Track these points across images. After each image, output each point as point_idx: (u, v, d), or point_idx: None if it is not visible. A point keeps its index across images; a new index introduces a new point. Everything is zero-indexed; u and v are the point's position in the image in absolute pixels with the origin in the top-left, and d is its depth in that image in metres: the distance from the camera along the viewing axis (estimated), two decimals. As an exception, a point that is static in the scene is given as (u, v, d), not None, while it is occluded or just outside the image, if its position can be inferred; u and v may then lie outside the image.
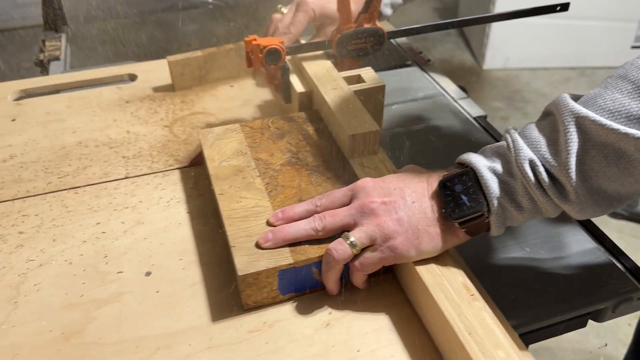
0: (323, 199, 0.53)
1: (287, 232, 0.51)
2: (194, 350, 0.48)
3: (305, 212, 0.53)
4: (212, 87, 0.86)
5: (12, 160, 0.70)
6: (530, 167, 0.45)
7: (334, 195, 0.53)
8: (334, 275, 0.50)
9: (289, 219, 0.53)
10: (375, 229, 0.48)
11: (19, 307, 0.51)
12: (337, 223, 0.50)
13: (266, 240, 0.50)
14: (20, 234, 0.59)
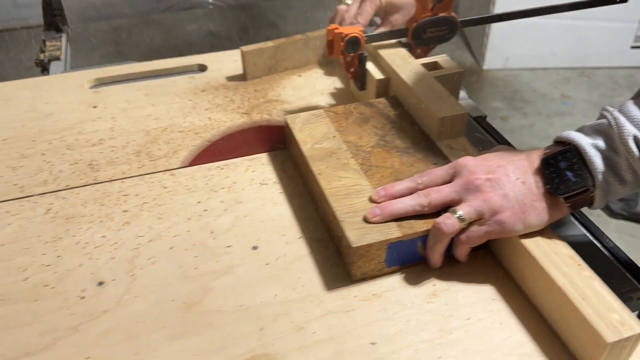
0: (424, 177, 0.56)
1: (394, 207, 0.53)
2: (310, 317, 0.50)
3: (407, 189, 0.55)
4: (281, 77, 0.88)
5: (102, 145, 0.73)
6: (634, 143, 0.48)
7: (435, 173, 0.55)
8: (441, 249, 0.52)
9: (391, 196, 0.55)
10: (483, 204, 0.50)
11: (137, 279, 0.54)
12: (442, 199, 0.53)
13: (374, 215, 0.53)
14: (125, 212, 0.62)
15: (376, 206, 0.54)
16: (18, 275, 0.54)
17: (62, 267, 0.55)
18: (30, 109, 0.80)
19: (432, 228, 0.52)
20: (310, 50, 0.90)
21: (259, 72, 0.88)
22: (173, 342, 0.48)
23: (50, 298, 0.52)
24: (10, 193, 0.65)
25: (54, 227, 0.60)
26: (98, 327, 0.50)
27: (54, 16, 1.11)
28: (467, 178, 0.52)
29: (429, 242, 0.53)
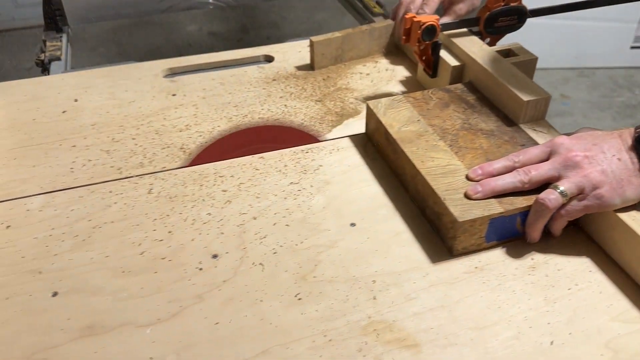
0: (520, 156, 0.58)
1: (496, 184, 0.56)
2: (419, 287, 0.53)
3: (504, 167, 0.58)
4: (347, 67, 0.91)
5: (189, 130, 0.76)
6: None
7: (532, 152, 0.58)
8: (542, 224, 0.55)
9: (489, 174, 0.58)
10: (583, 180, 0.53)
11: (248, 252, 0.57)
12: (542, 176, 0.55)
13: (476, 192, 0.56)
14: (224, 192, 0.65)
15: (478, 183, 0.56)
16: (134, 250, 0.57)
17: (175, 241, 0.58)
18: (111, 96, 0.83)
19: (534, 203, 0.55)
20: (374, 40, 0.93)
21: (326, 62, 0.91)
22: (294, 308, 0.51)
23: (169, 270, 0.55)
24: (109, 174, 0.68)
25: (159, 206, 0.63)
26: (221, 295, 0.52)
27: (54, 16, 1.12)
28: (565, 155, 0.55)
29: (530, 218, 0.55)
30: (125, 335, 0.49)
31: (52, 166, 0.69)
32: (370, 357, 0.47)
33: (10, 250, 0.58)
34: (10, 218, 0.61)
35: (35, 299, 0.53)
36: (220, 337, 0.49)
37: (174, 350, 0.48)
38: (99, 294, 0.53)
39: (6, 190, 0.65)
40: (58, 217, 0.62)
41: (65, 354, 0.48)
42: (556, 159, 0.56)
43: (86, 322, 0.50)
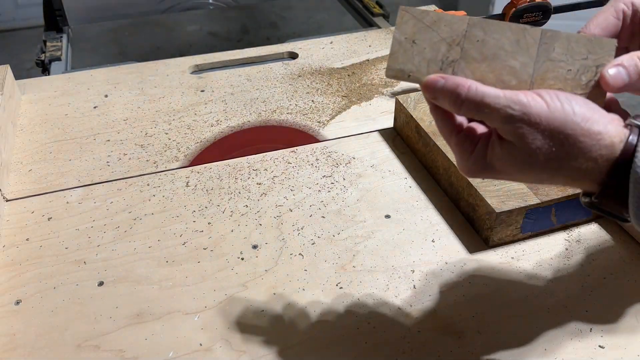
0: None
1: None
2: (457, 276, 0.54)
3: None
4: (372, 63, 0.92)
5: (220, 125, 0.77)
6: None
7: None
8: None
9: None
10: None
11: (287, 242, 0.58)
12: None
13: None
14: (259, 184, 0.66)
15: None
16: (176, 240, 0.59)
17: (215, 232, 0.59)
18: (141, 92, 0.85)
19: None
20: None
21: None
22: (336, 296, 0.52)
23: (212, 259, 0.56)
24: (146, 168, 0.69)
25: (196, 198, 0.64)
26: (264, 283, 0.54)
27: (54, 16, 1.13)
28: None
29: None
30: (173, 322, 0.50)
31: (88, 160, 0.71)
32: (415, 344, 0.48)
33: (54, 241, 0.59)
34: (51, 210, 0.63)
35: (82, 288, 0.54)
36: (267, 324, 0.50)
37: (222, 336, 0.49)
38: (144, 283, 0.54)
39: (45, 183, 0.67)
40: (98, 209, 0.63)
41: (117, 341, 0.49)
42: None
43: (134, 310, 0.51)
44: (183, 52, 0.93)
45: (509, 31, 0.37)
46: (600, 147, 0.35)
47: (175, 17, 1.30)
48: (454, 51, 0.37)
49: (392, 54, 0.38)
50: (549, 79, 0.37)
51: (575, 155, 0.36)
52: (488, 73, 0.37)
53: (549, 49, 0.37)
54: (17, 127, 0.76)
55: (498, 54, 0.37)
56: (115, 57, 1.13)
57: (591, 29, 0.41)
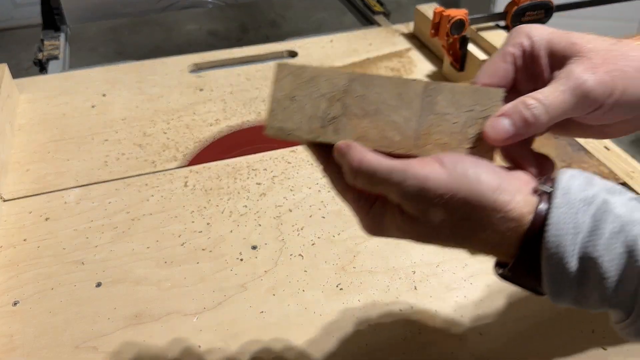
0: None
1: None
2: (459, 277, 0.54)
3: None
4: (373, 62, 0.92)
5: (219, 125, 0.77)
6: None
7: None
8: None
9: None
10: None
11: (286, 243, 0.58)
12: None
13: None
14: (259, 184, 0.66)
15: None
16: (175, 241, 0.58)
17: (214, 233, 0.59)
18: (139, 91, 0.84)
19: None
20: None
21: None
22: (336, 297, 0.52)
23: (211, 260, 0.56)
24: (144, 167, 0.69)
25: (195, 198, 0.64)
26: (264, 285, 0.53)
27: (52, 15, 1.12)
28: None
29: None
30: (172, 323, 0.50)
31: (86, 160, 0.70)
32: (416, 345, 0.48)
33: (52, 241, 0.58)
34: (49, 210, 0.62)
35: (80, 289, 0.53)
36: (267, 325, 0.50)
37: (222, 338, 0.49)
38: (143, 283, 0.54)
39: (43, 183, 0.66)
40: (96, 209, 0.62)
41: (115, 342, 0.48)
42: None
43: (133, 311, 0.51)
44: (182, 50, 0.92)
45: (391, 85, 0.35)
46: (507, 220, 0.32)
47: (174, 16, 1.29)
48: (335, 107, 0.36)
49: (270, 111, 0.36)
50: (434, 133, 0.35)
51: (482, 228, 0.32)
52: (371, 129, 0.35)
53: (433, 101, 0.35)
54: (14, 126, 0.76)
55: (380, 109, 0.35)
56: (114, 56, 1.12)
57: (481, 80, 0.37)
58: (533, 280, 0.32)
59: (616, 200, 0.31)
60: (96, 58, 1.12)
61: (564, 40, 0.36)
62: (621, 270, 0.30)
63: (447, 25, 0.75)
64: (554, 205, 0.31)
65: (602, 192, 0.32)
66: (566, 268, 0.31)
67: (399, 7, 1.26)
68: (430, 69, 0.89)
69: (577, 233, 0.30)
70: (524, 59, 0.37)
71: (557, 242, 0.30)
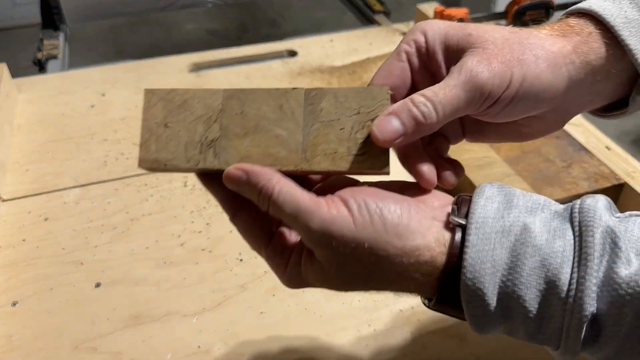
0: None
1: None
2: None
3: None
4: (373, 61, 0.91)
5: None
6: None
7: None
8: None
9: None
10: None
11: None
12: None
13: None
14: (258, 184, 0.65)
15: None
16: (174, 241, 0.58)
17: (213, 233, 0.59)
18: (138, 90, 0.84)
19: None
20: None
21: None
22: (336, 298, 0.52)
23: (210, 260, 0.56)
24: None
25: (194, 198, 0.63)
26: (263, 285, 0.53)
27: (52, 15, 1.12)
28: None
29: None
30: (171, 324, 0.50)
31: (85, 160, 0.70)
32: (417, 346, 0.48)
33: (51, 242, 0.58)
34: (48, 210, 0.62)
35: (79, 289, 0.53)
36: (266, 326, 0.49)
37: (221, 338, 0.48)
38: (142, 284, 0.53)
39: (42, 183, 0.66)
40: (95, 209, 0.62)
41: (114, 343, 0.48)
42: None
43: (132, 311, 0.51)
44: (181, 50, 0.92)
45: (270, 97, 0.33)
46: (420, 265, 0.30)
47: (174, 15, 1.29)
48: (213, 129, 0.33)
49: (142, 143, 0.34)
50: (322, 143, 0.32)
51: (395, 276, 0.30)
52: (253, 147, 0.33)
53: (316, 109, 0.33)
54: (13, 126, 0.76)
55: (261, 125, 0.33)
56: (113, 55, 1.12)
57: (376, 81, 0.34)
58: (459, 313, 0.31)
59: (536, 225, 0.29)
60: (95, 57, 1.11)
61: (459, 33, 0.33)
62: (544, 306, 0.28)
63: (448, 24, 0.75)
64: (468, 243, 0.29)
65: (521, 215, 0.29)
66: (487, 308, 0.29)
67: (399, 6, 1.25)
68: (430, 68, 0.88)
69: (496, 272, 0.28)
70: (420, 56, 0.34)
71: (475, 284, 0.28)
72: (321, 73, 0.88)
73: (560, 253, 0.28)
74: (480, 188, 0.31)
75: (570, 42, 0.33)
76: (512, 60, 0.31)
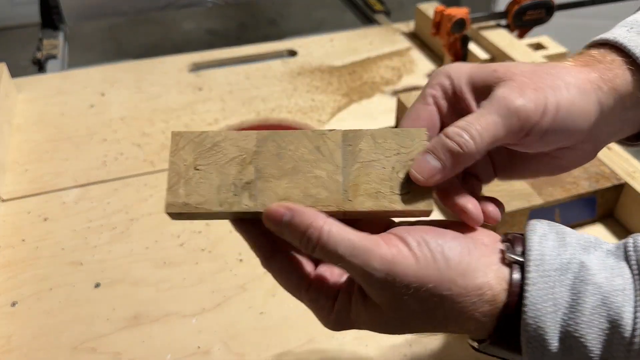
0: None
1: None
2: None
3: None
4: (373, 61, 0.91)
5: (218, 124, 0.76)
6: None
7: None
8: None
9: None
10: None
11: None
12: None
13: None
14: (258, 184, 0.65)
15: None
16: (173, 241, 0.58)
17: (213, 233, 0.59)
18: (138, 90, 0.84)
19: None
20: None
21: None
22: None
23: (210, 261, 0.56)
24: (142, 167, 0.68)
25: (194, 198, 0.63)
26: (263, 286, 0.53)
27: (51, 14, 1.12)
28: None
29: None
30: (171, 324, 0.49)
31: (84, 160, 0.70)
32: (417, 347, 0.48)
33: (50, 242, 0.58)
34: (47, 210, 0.62)
35: (79, 289, 0.53)
36: (266, 326, 0.49)
37: (221, 339, 0.48)
38: (141, 284, 0.53)
39: (41, 183, 0.66)
40: (94, 209, 0.62)
41: (113, 343, 0.48)
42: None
43: (131, 312, 0.51)
44: (181, 49, 0.92)
45: (306, 139, 0.33)
46: (482, 304, 0.29)
47: (173, 15, 1.29)
48: (248, 171, 0.32)
49: (170, 187, 0.32)
50: (363, 183, 0.32)
51: (455, 317, 0.30)
52: (292, 189, 0.32)
53: (355, 150, 0.33)
54: (13, 126, 0.75)
55: (299, 166, 0.32)
56: (112, 55, 1.12)
57: (404, 125, 0.34)
58: (512, 354, 0.30)
59: (593, 262, 0.29)
60: (95, 57, 1.11)
61: (484, 70, 0.33)
62: (606, 347, 0.28)
63: (448, 24, 0.74)
64: (529, 281, 0.28)
65: (577, 252, 0.29)
66: (548, 349, 0.28)
67: (399, 5, 1.25)
68: (430, 68, 0.88)
69: (557, 310, 0.28)
70: (447, 99, 0.34)
71: (537, 323, 0.28)
72: (321, 73, 0.88)
73: (621, 291, 0.28)
74: (532, 225, 0.31)
75: (595, 70, 0.33)
76: (544, 87, 0.31)
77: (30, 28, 2.49)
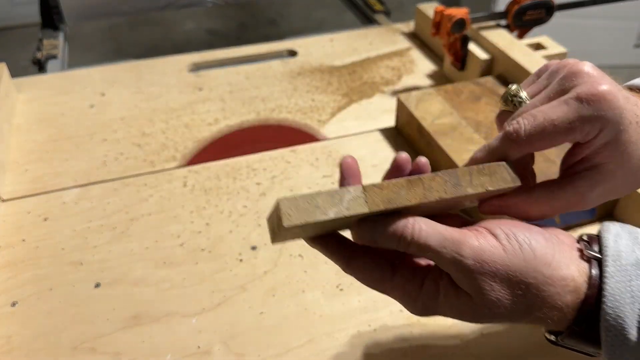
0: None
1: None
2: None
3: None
4: (373, 61, 0.91)
5: (219, 124, 0.76)
6: None
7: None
8: None
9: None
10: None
11: (287, 244, 0.57)
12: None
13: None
14: (258, 184, 0.65)
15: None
16: (174, 241, 0.58)
17: (213, 233, 0.59)
18: (138, 90, 0.84)
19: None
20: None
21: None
22: (336, 298, 0.52)
23: (210, 261, 0.55)
24: (142, 167, 0.68)
25: (194, 198, 0.63)
26: (263, 286, 0.53)
27: (51, 14, 1.12)
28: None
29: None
30: (171, 324, 0.49)
31: (84, 160, 0.70)
32: (417, 347, 0.48)
33: (50, 242, 0.58)
34: (47, 210, 0.62)
35: (79, 289, 0.53)
36: (266, 326, 0.49)
37: (221, 339, 0.48)
38: (141, 284, 0.53)
39: (41, 183, 0.66)
40: (94, 209, 0.62)
41: (113, 343, 0.48)
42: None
43: (131, 312, 0.51)
44: (181, 50, 0.92)
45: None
46: (565, 294, 0.32)
47: (173, 15, 1.29)
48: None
49: (280, 214, 0.32)
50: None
51: (539, 305, 0.32)
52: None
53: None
54: (13, 126, 0.75)
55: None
56: (112, 55, 1.12)
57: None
58: (589, 346, 0.33)
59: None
60: (95, 57, 1.11)
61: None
62: None
63: (448, 24, 0.74)
64: (607, 274, 0.31)
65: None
66: (627, 338, 0.31)
67: (399, 5, 1.25)
68: (430, 68, 0.88)
69: (634, 302, 0.30)
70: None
71: (616, 313, 0.30)
72: (321, 73, 0.88)
73: None
74: (606, 226, 0.34)
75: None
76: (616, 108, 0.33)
77: (30, 28, 2.50)
